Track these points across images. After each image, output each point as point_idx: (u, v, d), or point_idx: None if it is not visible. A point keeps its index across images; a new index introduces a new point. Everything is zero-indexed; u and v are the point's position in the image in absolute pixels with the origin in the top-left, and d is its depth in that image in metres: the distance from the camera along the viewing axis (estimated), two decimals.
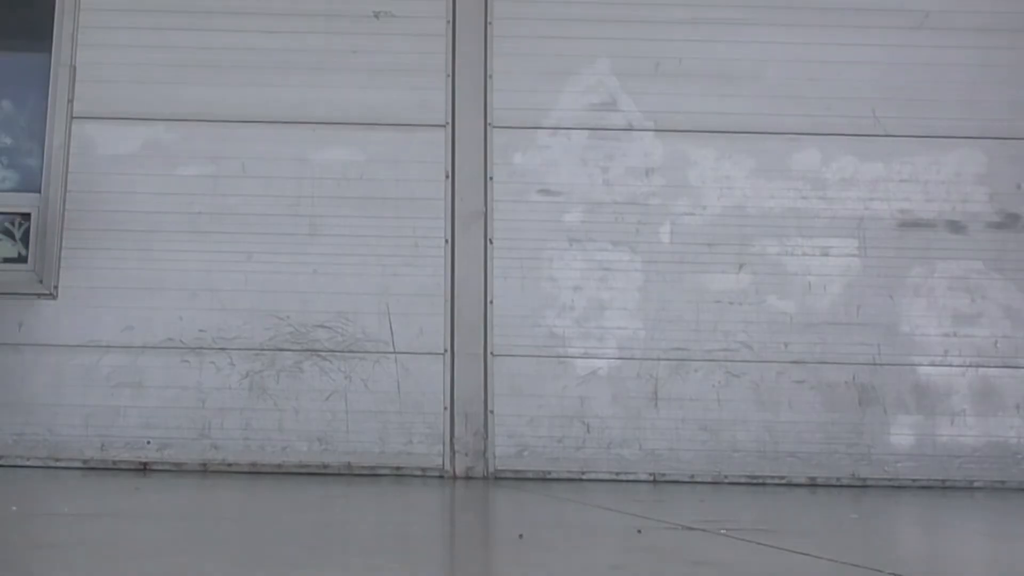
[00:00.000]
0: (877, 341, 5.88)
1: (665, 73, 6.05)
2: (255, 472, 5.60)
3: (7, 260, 5.94)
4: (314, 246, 5.85)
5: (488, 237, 5.90)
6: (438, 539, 3.11)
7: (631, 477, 5.70)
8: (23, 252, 5.94)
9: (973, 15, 6.12)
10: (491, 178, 5.96)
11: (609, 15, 6.09)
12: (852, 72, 6.06)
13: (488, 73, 6.02)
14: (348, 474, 5.61)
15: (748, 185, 6.01)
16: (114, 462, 5.66)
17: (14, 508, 3.47)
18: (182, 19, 6.02)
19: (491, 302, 5.85)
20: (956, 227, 6.00)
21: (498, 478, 5.68)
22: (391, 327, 5.79)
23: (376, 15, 6.07)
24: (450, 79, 6.02)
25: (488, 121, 6.00)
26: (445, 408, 5.77)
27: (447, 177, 5.95)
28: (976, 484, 5.74)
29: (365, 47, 6.03)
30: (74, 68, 5.98)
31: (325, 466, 5.67)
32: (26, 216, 5.96)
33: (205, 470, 5.64)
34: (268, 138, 5.95)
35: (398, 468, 5.69)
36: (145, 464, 5.66)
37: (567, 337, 5.85)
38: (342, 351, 5.77)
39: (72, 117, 5.93)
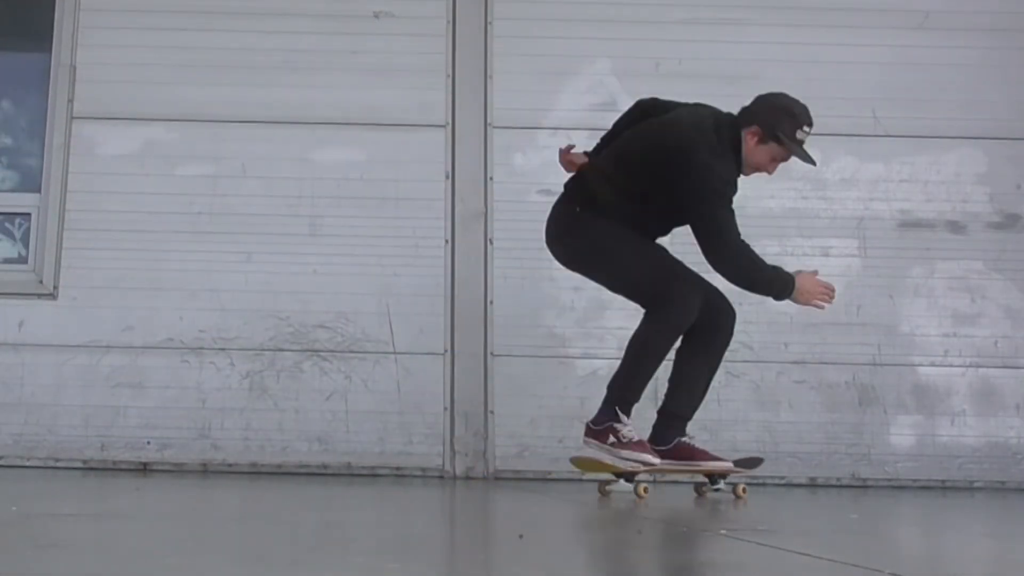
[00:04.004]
0: (877, 341, 5.87)
1: (665, 73, 6.04)
2: (255, 472, 5.60)
3: (7, 260, 5.95)
4: (314, 246, 5.85)
5: (488, 237, 5.90)
6: (438, 539, 3.11)
7: None
8: (23, 252, 5.94)
9: (973, 15, 6.12)
10: (491, 178, 5.95)
11: (609, 15, 6.08)
12: (852, 72, 6.05)
13: (488, 73, 6.02)
14: (348, 474, 5.61)
15: (748, 185, 5.97)
16: (114, 462, 5.66)
17: (14, 508, 3.47)
18: (182, 19, 6.01)
19: (491, 302, 5.85)
20: (956, 227, 5.99)
21: (498, 478, 5.68)
22: (391, 327, 5.79)
23: (376, 15, 6.07)
24: (450, 79, 6.02)
25: (488, 121, 5.99)
26: (445, 408, 5.76)
27: (447, 177, 5.94)
28: (976, 484, 5.73)
29: (365, 47, 6.03)
30: (74, 68, 5.97)
31: (325, 466, 5.67)
32: (26, 216, 5.96)
33: (205, 470, 5.64)
34: (268, 138, 5.95)
35: (398, 468, 5.68)
36: (145, 464, 5.66)
37: (567, 337, 5.85)
38: (342, 351, 5.77)
39: (72, 117, 5.93)
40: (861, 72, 6.05)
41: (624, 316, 5.86)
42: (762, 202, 5.98)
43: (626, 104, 6.06)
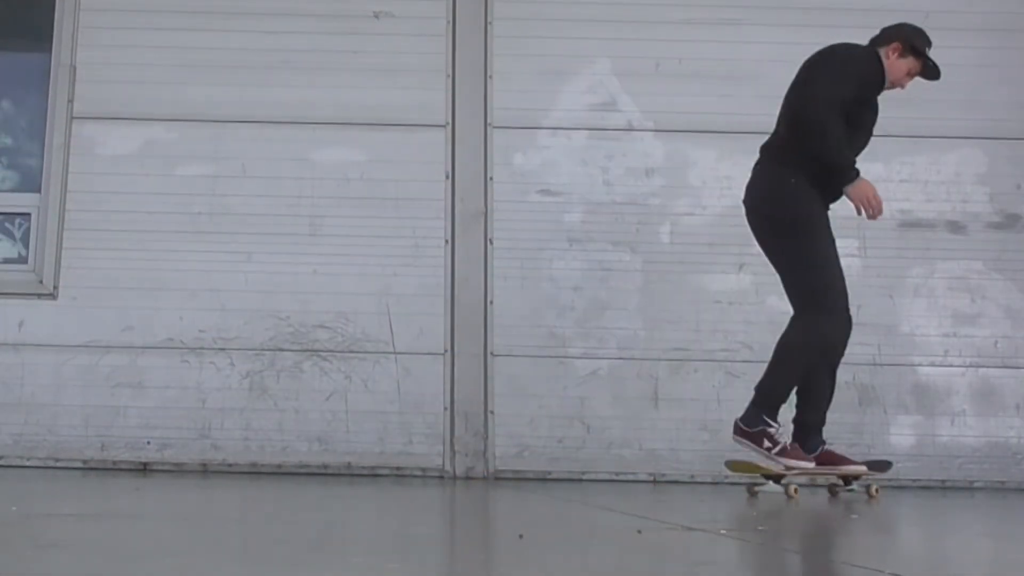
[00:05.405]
0: (877, 341, 5.87)
1: (665, 73, 6.04)
2: (255, 472, 5.60)
3: (7, 260, 5.95)
4: (314, 246, 5.85)
5: (488, 237, 5.90)
6: (438, 539, 3.11)
7: (631, 477, 5.70)
8: (23, 252, 5.94)
9: (973, 15, 6.12)
10: (491, 178, 5.96)
11: (609, 15, 6.08)
12: None
13: (488, 73, 6.02)
14: (348, 474, 5.61)
15: None
16: (114, 462, 5.66)
17: (14, 508, 3.47)
18: (182, 19, 6.01)
19: (491, 302, 5.85)
20: (956, 227, 5.99)
21: (498, 478, 5.68)
22: (391, 327, 5.79)
23: (376, 15, 6.07)
24: (450, 79, 6.02)
25: (488, 121, 5.99)
26: (445, 408, 5.77)
27: (447, 177, 5.94)
28: (976, 484, 5.73)
29: (365, 47, 6.03)
30: (74, 68, 5.98)
31: (325, 466, 5.67)
32: (26, 216, 5.96)
33: (205, 470, 5.64)
34: (268, 138, 5.95)
35: (398, 468, 5.68)
36: (145, 464, 5.66)
37: (567, 337, 5.85)
38: (342, 351, 5.77)
39: (72, 117, 5.93)
40: None
41: (624, 316, 5.89)
42: None
43: (626, 104, 6.11)
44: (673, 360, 5.82)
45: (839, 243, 5.91)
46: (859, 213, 4.62)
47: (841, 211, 5.98)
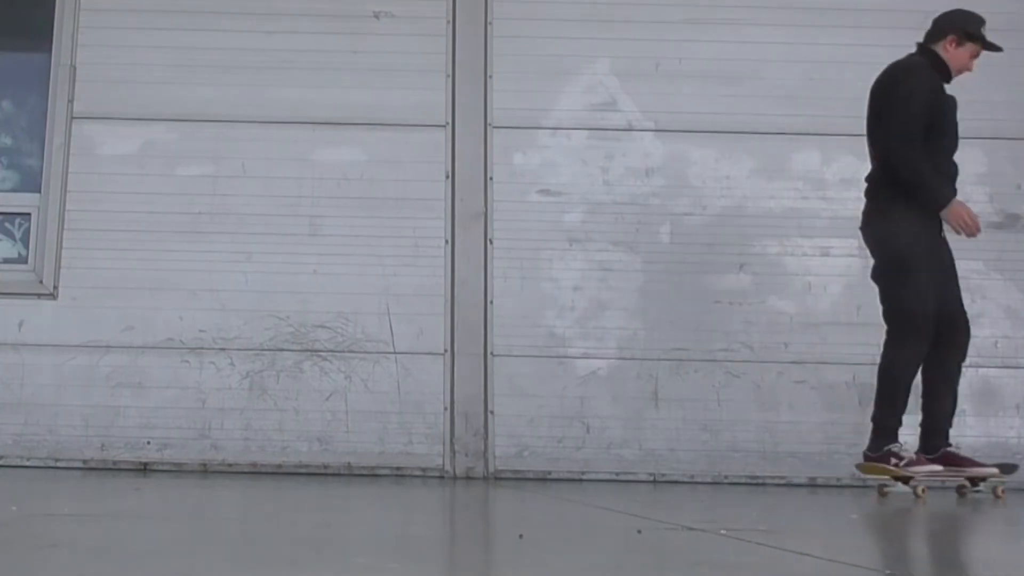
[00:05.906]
0: (877, 341, 5.82)
1: (665, 73, 6.04)
2: (255, 472, 5.60)
3: (7, 260, 5.95)
4: (314, 246, 5.85)
5: (488, 237, 5.90)
6: (438, 539, 3.11)
7: (631, 477, 5.70)
8: (23, 252, 5.94)
9: None
10: (491, 178, 5.96)
11: (609, 15, 6.09)
12: (852, 72, 6.03)
13: (488, 73, 6.02)
14: (348, 474, 5.61)
15: (748, 185, 6.01)
16: (114, 462, 5.66)
17: (14, 508, 3.47)
18: (182, 19, 6.02)
19: (491, 302, 5.85)
20: None
21: (498, 478, 5.68)
22: (391, 327, 5.79)
23: (376, 15, 6.07)
24: (450, 79, 6.02)
25: (488, 121, 6.00)
26: (445, 408, 5.77)
27: (447, 177, 5.95)
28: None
29: (365, 47, 6.03)
30: (74, 68, 5.98)
31: (325, 466, 5.68)
32: (26, 216, 5.96)
33: (205, 470, 5.64)
34: (268, 138, 5.95)
35: (398, 468, 5.69)
36: (145, 464, 5.66)
37: (567, 337, 5.85)
38: (342, 351, 5.77)
39: (72, 117, 5.94)
40: (861, 72, 6.03)
41: (624, 316, 5.89)
42: (762, 202, 5.99)
43: (626, 104, 6.11)
44: (673, 360, 5.82)
45: (840, 242, 5.96)
46: (958, 233, 4.86)
47: (841, 211, 6.00)
